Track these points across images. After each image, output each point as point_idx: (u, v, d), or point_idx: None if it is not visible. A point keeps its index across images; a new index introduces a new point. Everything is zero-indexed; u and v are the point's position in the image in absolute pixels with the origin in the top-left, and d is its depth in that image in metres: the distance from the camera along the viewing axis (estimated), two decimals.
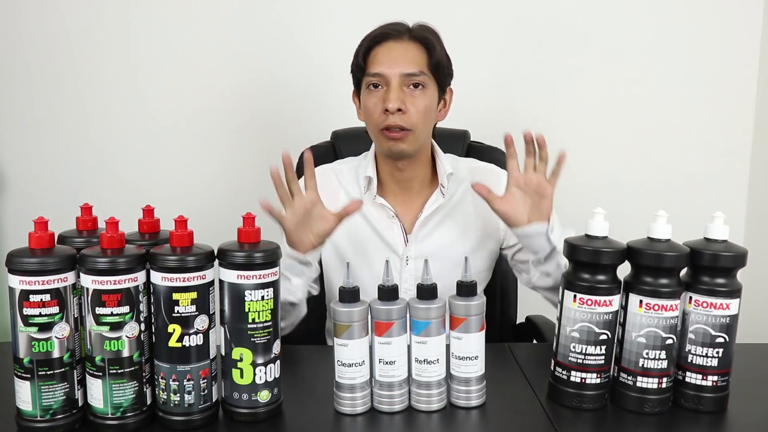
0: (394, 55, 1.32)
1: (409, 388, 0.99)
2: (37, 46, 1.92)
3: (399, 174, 1.40)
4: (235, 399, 0.95)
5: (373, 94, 1.33)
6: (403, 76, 1.30)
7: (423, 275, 0.98)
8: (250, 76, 1.97)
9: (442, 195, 1.41)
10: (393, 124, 1.30)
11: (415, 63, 1.32)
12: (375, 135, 1.35)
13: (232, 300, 0.92)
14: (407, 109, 1.30)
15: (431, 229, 1.41)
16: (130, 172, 1.98)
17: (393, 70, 1.30)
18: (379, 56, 1.32)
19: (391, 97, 1.29)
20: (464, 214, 1.42)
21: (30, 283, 0.87)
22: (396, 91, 1.30)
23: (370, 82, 1.33)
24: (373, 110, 1.32)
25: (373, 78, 1.32)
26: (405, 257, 1.40)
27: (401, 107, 1.29)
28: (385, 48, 1.33)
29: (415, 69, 1.31)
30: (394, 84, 1.30)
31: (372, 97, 1.33)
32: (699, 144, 2.05)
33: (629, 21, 1.98)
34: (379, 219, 1.40)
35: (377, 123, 1.32)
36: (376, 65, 1.32)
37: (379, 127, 1.32)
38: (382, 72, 1.31)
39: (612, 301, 0.98)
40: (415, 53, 1.33)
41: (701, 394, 0.99)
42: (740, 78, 2.02)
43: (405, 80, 1.31)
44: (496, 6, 1.96)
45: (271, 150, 1.98)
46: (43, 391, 0.90)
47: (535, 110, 2.01)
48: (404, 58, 1.32)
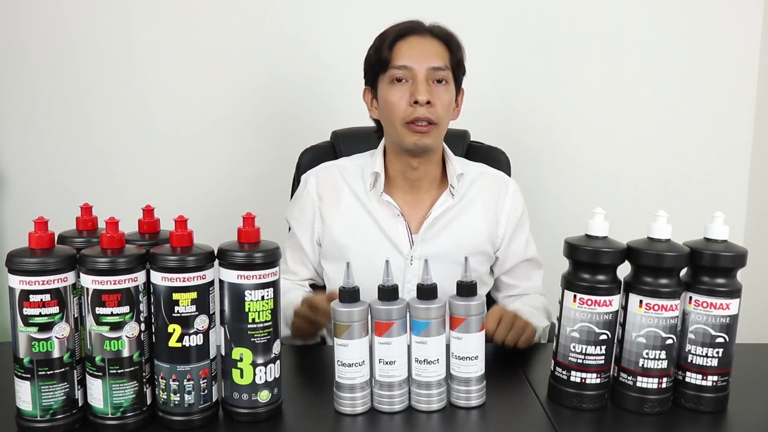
0: (419, 48, 1.33)
1: (409, 388, 0.99)
2: (37, 47, 1.92)
3: (411, 172, 1.39)
4: (235, 399, 0.95)
5: (397, 87, 1.32)
6: (430, 69, 1.31)
7: (423, 275, 0.98)
8: (251, 76, 1.97)
9: (452, 196, 1.40)
10: (422, 117, 1.30)
11: (441, 57, 1.33)
12: (398, 129, 1.33)
13: (232, 300, 0.92)
14: (434, 102, 1.31)
15: (438, 230, 1.40)
16: (130, 172, 1.98)
17: (420, 63, 1.31)
18: (404, 50, 1.33)
19: (420, 89, 1.30)
20: (472, 216, 1.42)
21: (30, 283, 0.87)
22: (424, 84, 1.31)
23: (395, 76, 1.32)
24: (397, 103, 1.32)
25: (399, 71, 1.32)
26: (410, 257, 1.39)
27: (430, 100, 1.30)
28: (409, 42, 1.33)
29: (441, 63, 1.33)
30: (421, 77, 1.31)
31: (397, 90, 1.32)
32: (699, 144, 2.05)
33: (630, 22, 1.98)
34: (384, 217, 1.40)
35: (403, 116, 1.32)
36: (402, 58, 1.32)
37: (405, 120, 1.32)
38: (409, 65, 1.31)
39: (612, 301, 0.98)
40: (438, 49, 1.34)
41: (701, 394, 0.99)
42: (740, 78, 2.02)
43: (431, 74, 1.32)
44: (496, 6, 1.96)
45: (272, 150, 1.99)
46: (43, 391, 0.90)
47: (535, 110, 2.02)
48: (431, 51, 1.33)
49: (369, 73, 1.39)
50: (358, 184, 1.42)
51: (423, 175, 1.40)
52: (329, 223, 1.41)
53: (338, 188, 1.43)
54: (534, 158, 2.00)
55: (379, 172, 1.39)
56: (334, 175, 1.44)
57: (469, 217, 1.42)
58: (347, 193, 1.42)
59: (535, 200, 1.96)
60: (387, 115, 1.35)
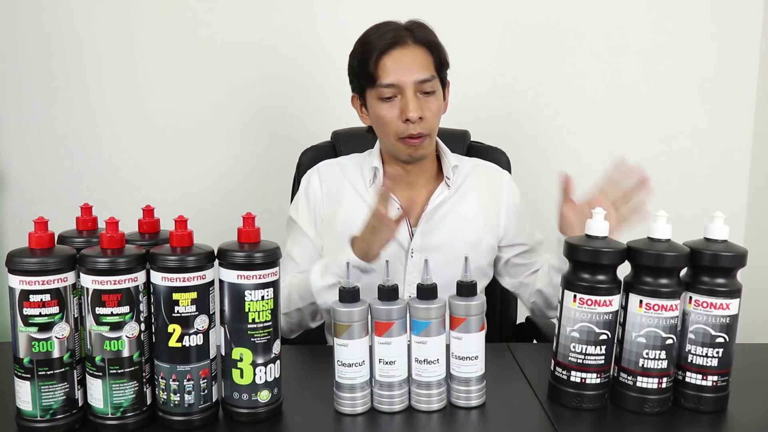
0: (404, 63, 1.32)
1: (409, 388, 0.99)
2: (37, 46, 1.92)
3: (407, 174, 1.41)
4: (235, 399, 0.95)
5: (387, 103, 1.33)
6: (417, 83, 1.31)
7: (423, 275, 0.98)
8: (251, 76, 1.97)
9: (448, 187, 1.42)
10: (415, 133, 1.31)
11: (426, 68, 1.33)
12: (392, 143, 1.35)
13: (232, 300, 0.92)
14: (425, 115, 1.32)
15: (437, 221, 1.41)
16: (130, 172, 1.98)
17: (408, 77, 1.31)
18: (389, 66, 1.31)
19: (410, 107, 1.30)
20: (468, 206, 1.43)
21: (30, 283, 0.87)
22: (414, 101, 1.31)
23: (383, 95, 1.32)
24: (389, 120, 1.33)
25: (387, 89, 1.31)
26: (410, 250, 1.40)
27: (421, 115, 1.31)
28: (394, 57, 1.32)
29: (427, 74, 1.32)
30: (409, 93, 1.31)
31: (386, 107, 1.33)
32: (699, 144, 2.05)
33: (630, 21, 1.98)
34: None
35: (396, 132, 1.33)
36: (389, 75, 1.31)
37: (398, 136, 1.33)
38: (396, 82, 1.31)
39: (612, 301, 0.97)
40: (423, 58, 1.33)
41: (701, 394, 0.99)
42: (740, 78, 2.02)
43: (418, 87, 1.32)
44: (496, 6, 1.96)
45: (272, 150, 1.99)
46: (43, 391, 0.90)
47: (536, 110, 2.02)
48: (415, 65, 1.32)
49: (355, 83, 1.39)
50: (358, 180, 1.44)
51: (419, 173, 1.42)
52: (332, 218, 1.42)
53: (340, 184, 1.44)
54: (534, 158, 2.00)
55: (378, 167, 1.41)
56: (335, 171, 1.46)
57: (466, 207, 1.43)
58: (348, 189, 1.43)
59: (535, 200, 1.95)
60: (379, 129, 1.37)
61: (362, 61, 1.34)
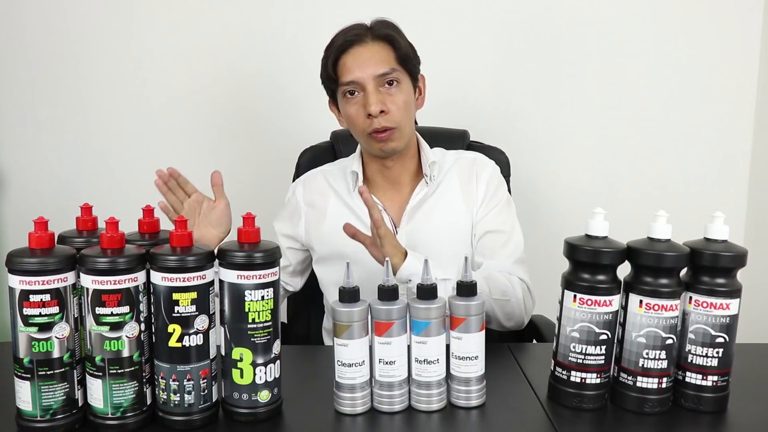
0: (362, 59, 1.33)
1: (409, 388, 0.99)
2: (37, 46, 1.92)
3: (387, 171, 1.43)
4: (235, 399, 0.95)
5: (351, 101, 1.35)
6: (377, 77, 1.32)
7: (423, 275, 0.98)
8: (250, 76, 1.97)
9: (426, 184, 1.43)
10: (379, 127, 1.32)
11: (385, 62, 1.34)
12: (363, 139, 1.38)
13: (232, 300, 0.92)
14: (388, 108, 1.32)
15: (420, 219, 1.42)
16: (130, 172, 1.98)
17: (365, 73, 1.32)
18: (348, 64, 1.34)
19: (371, 101, 1.31)
20: (450, 201, 1.43)
21: (30, 283, 0.87)
22: (374, 94, 1.32)
23: (346, 91, 1.34)
24: (356, 117, 1.35)
25: (348, 86, 1.34)
26: None
27: (383, 108, 1.32)
28: (352, 55, 1.34)
29: (387, 68, 1.33)
30: (370, 88, 1.32)
31: (351, 104, 1.35)
32: (699, 144, 2.05)
33: (629, 22, 1.98)
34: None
35: (363, 128, 1.35)
36: (348, 73, 1.33)
37: (366, 132, 1.35)
38: (355, 79, 1.33)
39: (612, 301, 0.97)
40: (382, 53, 1.34)
41: (701, 394, 0.99)
42: (740, 78, 2.02)
43: (379, 81, 1.33)
44: (496, 6, 1.96)
45: (271, 150, 1.99)
46: (43, 391, 0.90)
47: (535, 110, 2.02)
48: (373, 59, 1.33)
49: (326, 87, 1.41)
50: (342, 185, 1.46)
51: (400, 171, 1.43)
52: (319, 228, 1.44)
53: (325, 194, 1.46)
54: (534, 158, 2.00)
55: (357, 171, 1.43)
56: (319, 182, 1.48)
57: (448, 203, 1.43)
58: (333, 197, 1.46)
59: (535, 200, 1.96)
60: (351, 128, 1.39)
61: (325, 63, 1.37)
